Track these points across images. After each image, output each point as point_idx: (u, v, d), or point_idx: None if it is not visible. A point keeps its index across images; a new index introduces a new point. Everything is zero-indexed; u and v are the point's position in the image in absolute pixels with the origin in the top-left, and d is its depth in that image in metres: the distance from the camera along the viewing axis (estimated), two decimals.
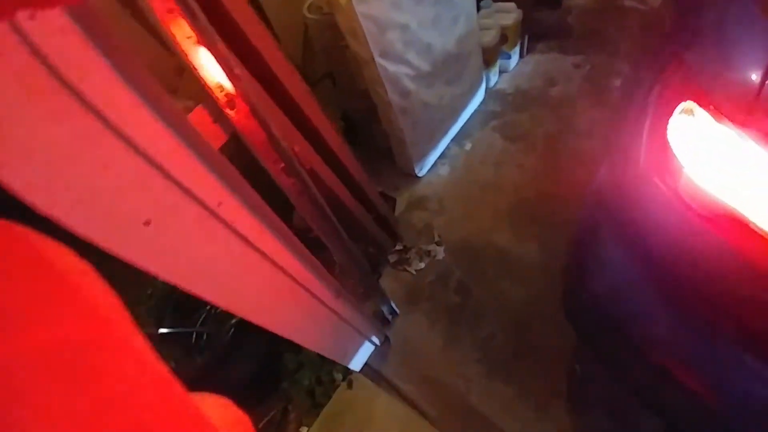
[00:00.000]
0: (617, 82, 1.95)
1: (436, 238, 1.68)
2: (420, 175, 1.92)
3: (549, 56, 2.23)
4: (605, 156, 0.90)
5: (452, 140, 2.01)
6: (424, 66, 1.61)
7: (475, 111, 2.09)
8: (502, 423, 1.24)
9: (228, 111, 0.84)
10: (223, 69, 0.78)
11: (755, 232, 0.54)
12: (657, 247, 0.69)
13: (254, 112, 0.85)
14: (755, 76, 0.52)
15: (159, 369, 0.24)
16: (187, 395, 0.26)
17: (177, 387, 0.25)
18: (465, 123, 2.05)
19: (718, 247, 0.59)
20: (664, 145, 0.63)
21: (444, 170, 1.94)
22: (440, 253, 1.63)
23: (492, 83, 2.18)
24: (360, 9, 1.29)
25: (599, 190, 0.86)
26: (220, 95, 0.83)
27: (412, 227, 1.76)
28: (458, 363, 1.37)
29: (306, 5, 1.63)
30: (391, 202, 1.80)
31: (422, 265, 1.61)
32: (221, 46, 0.75)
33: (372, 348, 1.39)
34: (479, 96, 2.08)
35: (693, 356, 0.69)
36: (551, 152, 1.82)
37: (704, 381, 0.68)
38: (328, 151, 1.25)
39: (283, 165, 0.97)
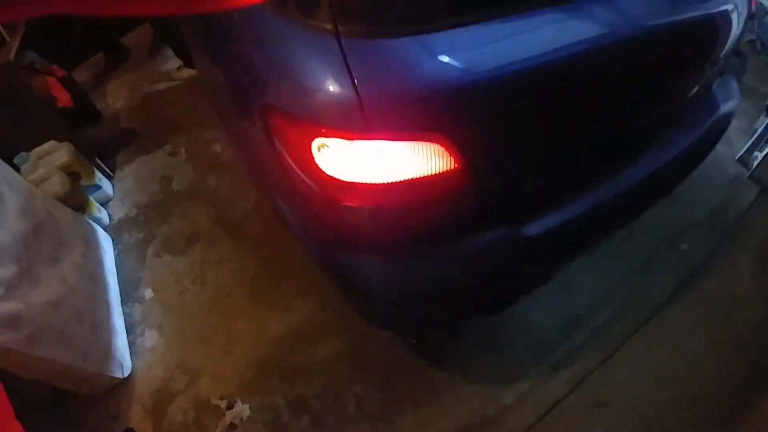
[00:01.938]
0: (218, 147, 2.05)
1: (224, 407, 1.31)
2: (128, 373, 1.39)
3: (139, 161, 2.05)
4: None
5: (126, 305, 1.55)
6: (4, 272, 1.08)
7: (118, 257, 1.68)
8: None
9: None
10: None
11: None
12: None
13: None
14: (346, 89, 0.59)
15: None
16: None
17: None
18: (120, 277, 1.61)
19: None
20: (327, 178, 0.67)
21: (151, 339, 1.49)
22: (244, 411, 1.29)
23: (107, 221, 1.80)
24: None
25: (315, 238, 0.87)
26: None
27: (182, 429, 1.28)
28: None
29: None
30: None
31: None
32: None
33: None
34: (106, 242, 1.67)
35: None
36: (230, 231, 1.74)
37: None
38: None
39: None
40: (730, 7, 0.95)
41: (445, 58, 0.65)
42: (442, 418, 1.29)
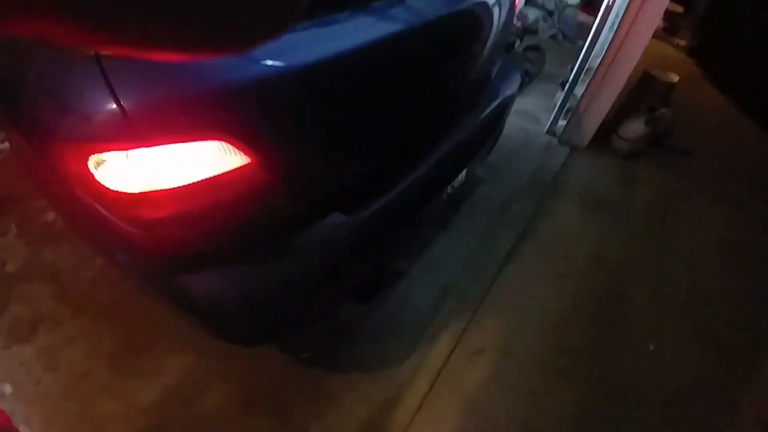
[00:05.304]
0: (50, 216, 1.82)
1: None
2: None
3: None
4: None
5: None
6: None
7: None
8: None
9: None
10: None
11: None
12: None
13: None
14: (106, 101, 0.60)
15: None
16: None
17: None
18: None
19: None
20: (115, 194, 0.68)
21: None
22: None
23: None
24: None
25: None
26: None
27: None
28: None
29: None
30: None
31: None
32: None
33: None
34: None
35: None
36: (76, 306, 1.52)
37: None
38: None
39: None
40: (490, 3, 1.22)
41: (210, 63, 0.67)
42: (345, 420, 1.30)
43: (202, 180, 0.70)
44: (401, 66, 1.00)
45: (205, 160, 0.69)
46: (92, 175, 0.66)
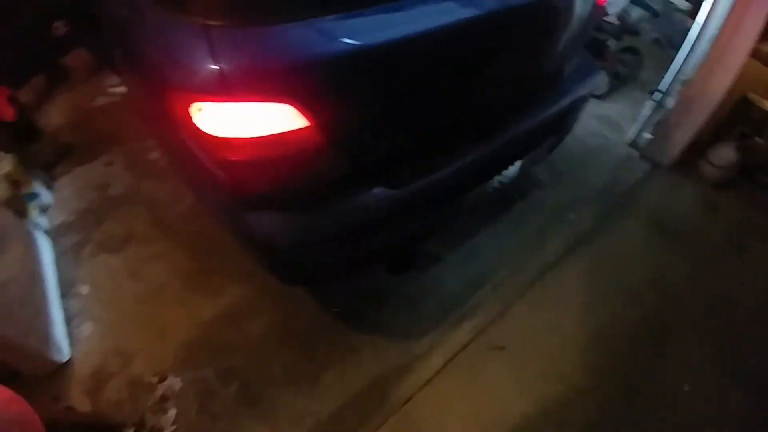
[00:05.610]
0: (153, 155, 2.16)
1: (156, 382, 1.40)
2: (66, 359, 1.45)
3: (77, 172, 2.11)
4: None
5: (64, 299, 1.61)
6: None
7: (57, 258, 1.74)
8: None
9: None
10: None
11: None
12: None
13: None
14: (210, 63, 0.76)
15: None
16: None
17: None
18: (59, 275, 1.67)
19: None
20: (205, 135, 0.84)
21: (87, 330, 1.55)
22: (176, 383, 1.39)
23: (47, 226, 1.86)
24: None
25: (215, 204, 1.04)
26: None
27: (118, 405, 1.36)
28: None
29: None
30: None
31: (171, 414, 1.32)
32: None
33: None
34: (45, 245, 1.72)
35: None
36: (165, 231, 1.83)
37: None
38: None
39: None
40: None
41: (290, 42, 0.82)
42: (361, 371, 1.44)
43: (271, 135, 0.84)
44: (461, 53, 1.04)
45: (275, 119, 0.83)
46: (192, 118, 0.83)
